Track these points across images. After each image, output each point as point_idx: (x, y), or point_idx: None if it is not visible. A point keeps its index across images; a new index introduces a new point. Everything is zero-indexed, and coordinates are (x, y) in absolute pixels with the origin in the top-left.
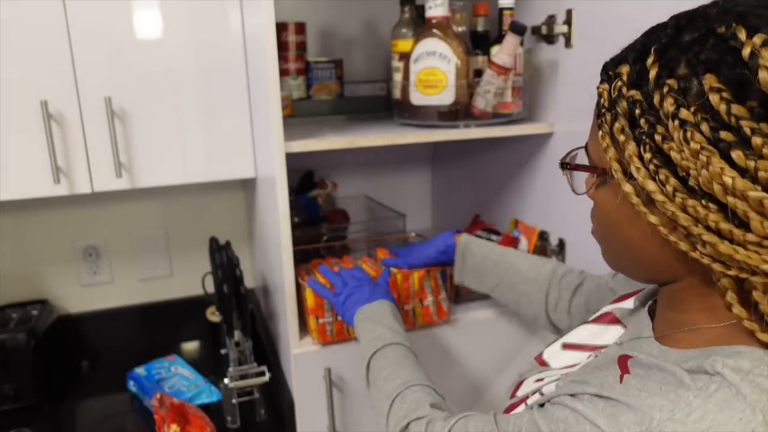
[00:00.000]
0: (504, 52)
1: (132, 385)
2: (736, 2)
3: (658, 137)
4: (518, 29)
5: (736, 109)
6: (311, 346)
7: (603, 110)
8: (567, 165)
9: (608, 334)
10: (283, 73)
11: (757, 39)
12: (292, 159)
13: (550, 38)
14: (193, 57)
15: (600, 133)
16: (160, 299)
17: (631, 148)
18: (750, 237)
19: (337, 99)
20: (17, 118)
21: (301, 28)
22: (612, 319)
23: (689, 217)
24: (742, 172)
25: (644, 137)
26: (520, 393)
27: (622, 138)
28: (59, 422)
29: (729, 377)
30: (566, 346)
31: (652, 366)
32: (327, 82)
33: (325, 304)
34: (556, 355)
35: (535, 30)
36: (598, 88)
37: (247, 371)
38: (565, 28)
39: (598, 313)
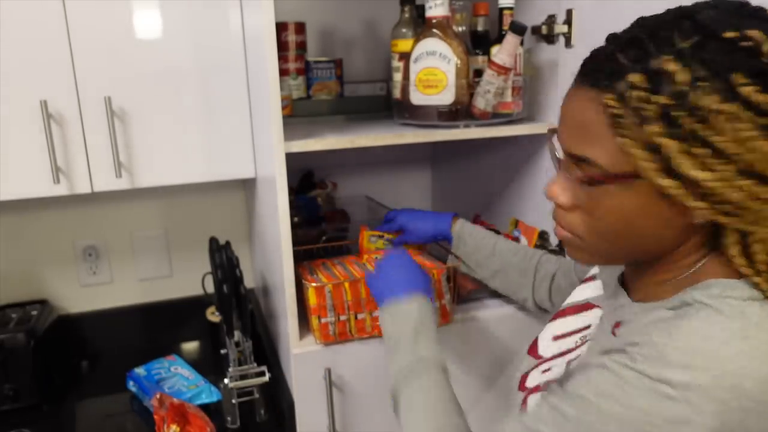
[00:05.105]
0: (504, 52)
1: (132, 385)
2: (718, 7)
3: (704, 132)
4: (518, 29)
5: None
6: (311, 346)
7: (618, 119)
8: (596, 181)
9: (589, 316)
10: (283, 73)
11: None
12: (292, 159)
13: (550, 38)
14: (193, 57)
15: (620, 140)
16: (160, 299)
17: (674, 146)
18: None
19: (337, 99)
20: (17, 118)
21: (301, 28)
22: (590, 306)
23: (743, 194)
24: None
25: (687, 134)
26: (529, 384)
27: (660, 140)
28: (59, 422)
29: (705, 301)
30: (555, 338)
31: (636, 319)
32: (327, 82)
33: (327, 304)
34: (548, 347)
35: (535, 30)
36: (604, 99)
37: (247, 371)
38: (565, 28)
39: (574, 303)
